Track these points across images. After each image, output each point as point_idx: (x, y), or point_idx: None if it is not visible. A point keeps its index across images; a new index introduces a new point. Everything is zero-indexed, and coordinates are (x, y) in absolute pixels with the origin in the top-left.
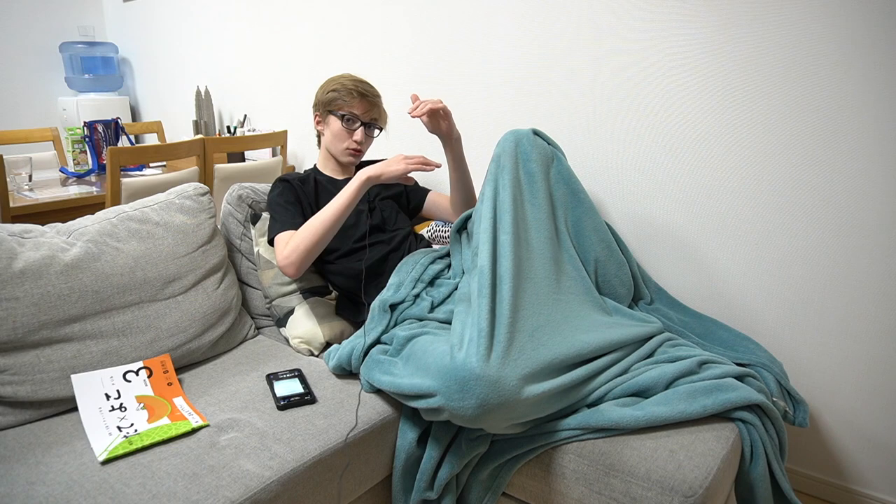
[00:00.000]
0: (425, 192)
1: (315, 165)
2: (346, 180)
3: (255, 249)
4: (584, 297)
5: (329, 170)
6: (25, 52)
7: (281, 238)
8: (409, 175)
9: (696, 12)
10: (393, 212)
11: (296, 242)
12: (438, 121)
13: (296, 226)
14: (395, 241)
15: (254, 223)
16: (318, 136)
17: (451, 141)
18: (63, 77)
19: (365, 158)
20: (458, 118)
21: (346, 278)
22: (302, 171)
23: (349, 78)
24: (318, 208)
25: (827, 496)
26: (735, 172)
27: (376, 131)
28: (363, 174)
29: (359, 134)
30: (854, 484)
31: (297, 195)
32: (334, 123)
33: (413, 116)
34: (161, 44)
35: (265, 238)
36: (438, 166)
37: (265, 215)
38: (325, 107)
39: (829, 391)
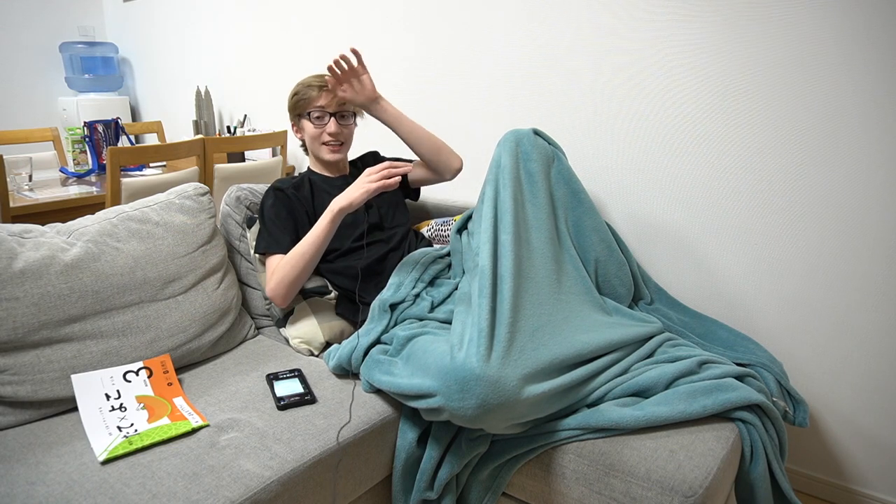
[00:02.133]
0: (410, 161)
1: (308, 167)
2: (341, 177)
3: (253, 253)
4: (584, 297)
5: (320, 169)
6: (25, 52)
7: (270, 263)
8: (389, 182)
9: (696, 12)
10: (391, 208)
11: (279, 276)
12: (351, 85)
13: (283, 245)
14: (395, 240)
15: (249, 227)
16: (304, 145)
17: (377, 105)
18: (63, 77)
19: (357, 154)
20: (458, 118)
21: (346, 278)
22: (297, 174)
23: (309, 76)
24: (316, 211)
25: (827, 496)
26: (735, 172)
27: (352, 117)
28: (335, 205)
29: (331, 126)
30: (854, 484)
31: (290, 206)
32: (307, 125)
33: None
34: (161, 44)
35: None
36: (409, 167)
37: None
38: (294, 113)
39: (829, 391)
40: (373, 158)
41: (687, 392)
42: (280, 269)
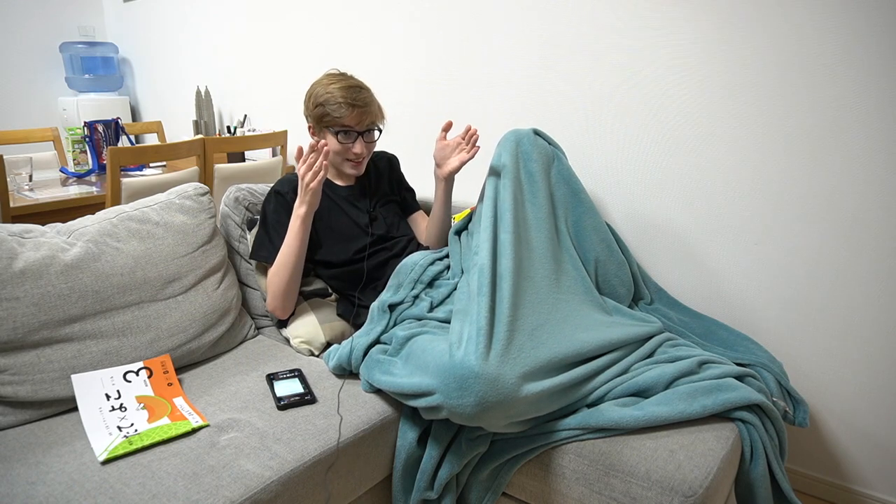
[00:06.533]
0: (416, 209)
1: None
2: (347, 187)
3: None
4: (583, 297)
5: (330, 174)
6: (25, 52)
7: (268, 277)
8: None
9: (696, 12)
10: (396, 217)
11: (271, 290)
12: (462, 161)
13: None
14: (398, 248)
15: (250, 228)
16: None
17: (451, 179)
18: (63, 77)
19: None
20: (457, 118)
21: (347, 283)
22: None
23: (336, 86)
24: (318, 216)
25: (827, 496)
26: (735, 172)
27: (376, 134)
28: (301, 211)
29: (358, 146)
30: (854, 484)
31: (290, 212)
32: (331, 139)
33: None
34: (161, 44)
35: None
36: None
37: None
38: (316, 122)
39: (829, 391)
40: (388, 162)
41: (687, 392)
42: (270, 284)
